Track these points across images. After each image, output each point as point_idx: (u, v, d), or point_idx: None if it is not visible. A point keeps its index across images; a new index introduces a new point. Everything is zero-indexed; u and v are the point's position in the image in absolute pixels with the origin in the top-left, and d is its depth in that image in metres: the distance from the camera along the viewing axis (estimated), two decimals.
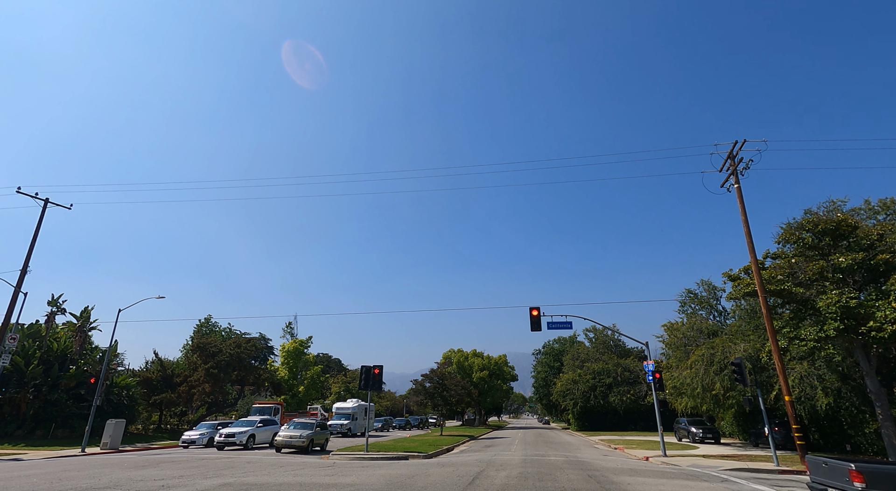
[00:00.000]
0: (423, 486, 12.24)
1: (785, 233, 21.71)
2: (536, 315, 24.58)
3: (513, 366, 74.46)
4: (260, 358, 70.70)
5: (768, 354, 21.61)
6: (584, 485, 12.57)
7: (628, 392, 50.04)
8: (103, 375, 29.53)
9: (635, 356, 58.76)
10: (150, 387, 42.47)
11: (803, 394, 22.84)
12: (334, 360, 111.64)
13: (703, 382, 26.31)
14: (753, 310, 31.18)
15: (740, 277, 22.93)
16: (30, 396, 32.28)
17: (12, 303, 25.18)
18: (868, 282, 20.15)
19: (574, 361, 61.51)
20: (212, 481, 13.24)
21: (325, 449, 25.85)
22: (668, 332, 41.26)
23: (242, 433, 26.76)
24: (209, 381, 42.40)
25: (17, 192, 25.67)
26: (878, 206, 25.19)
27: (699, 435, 30.17)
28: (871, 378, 19.12)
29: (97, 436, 29.76)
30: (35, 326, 38.24)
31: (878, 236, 19.53)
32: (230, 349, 45.75)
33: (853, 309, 17.79)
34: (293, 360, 61.20)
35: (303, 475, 14.54)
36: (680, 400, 30.09)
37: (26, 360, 32.67)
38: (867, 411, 21.41)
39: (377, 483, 12.82)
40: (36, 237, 26.21)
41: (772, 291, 20.58)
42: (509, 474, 14.72)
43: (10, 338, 25.75)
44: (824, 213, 22.97)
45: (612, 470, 16.34)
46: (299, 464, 18.29)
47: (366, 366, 23.57)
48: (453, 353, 71.86)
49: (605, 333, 64.06)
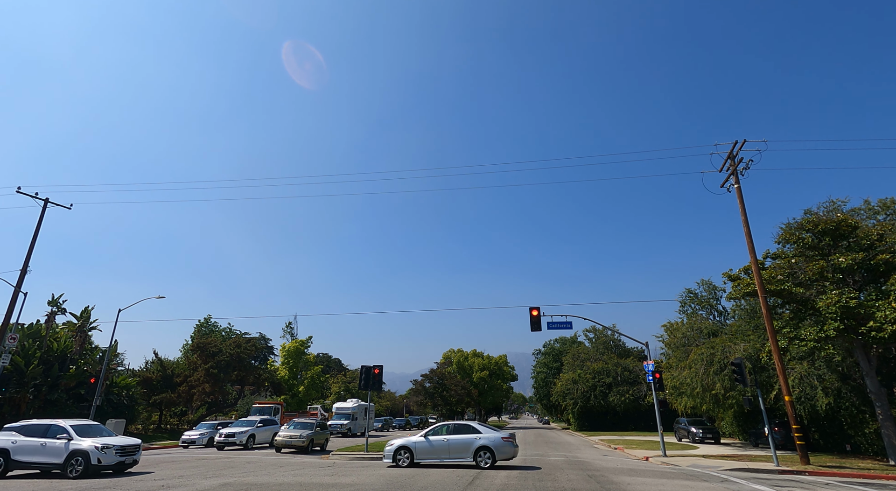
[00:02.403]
0: (423, 486, 12.24)
1: (785, 233, 21.70)
2: (536, 315, 24.58)
3: (513, 366, 74.50)
4: (260, 358, 70.70)
5: (768, 354, 21.59)
6: (584, 485, 12.57)
7: (628, 392, 50.02)
8: (103, 375, 29.53)
9: (635, 356, 58.75)
10: (150, 387, 42.47)
11: (803, 394, 22.82)
12: (334, 360, 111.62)
13: (703, 381, 26.30)
14: (753, 310, 31.18)
15: (740, 277, 22.92)
16: (30, 396, 32.28)
17: (12, 303, 25.19)
18: (868, 282, 20.14)
19: (574, 361, 61.50)
20: (212, 481, 13.25)
21: (325, 449, 25.85)
22: (668, 332, 41.29)
23: (242, 433, 26.76)
24: (209, 381, 42.40)
25: (17, 192, 25.67)
26: (878, 206, 25.19)
27: (699, 435, 30.16)
28: (871, 378, 19.11)
29: None
30: (35, 326, 38.23)
31: (878, 236, 19.52)
32: (230, 349, 45.75)
33: (853, 309, 17.78)
34: (293, 360, 61.17)
35: (303, 475, 14.54)
36: (680, 400, 30.08)
37: (26, 360, 32.66)
38: (867, 411, 21.39)
39: (377, 483, 12.83)
40: (36, 237, 26.21)
41: (772, 291, 20.57)
42: (509, 474, 14.72)
43: (10, 338, 25.75)
44: (824, 213, 22.96)
45: (611, 470, 16.35)
46: (299, 464, 18.29)
47: (366, 366, 23.58)
48: (453, 353, 71.88)
49: (605, 333, 64.06)
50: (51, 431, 15.42)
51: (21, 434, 15.46)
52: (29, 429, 15.66)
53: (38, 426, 15.72)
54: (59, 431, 15.38)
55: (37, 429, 15.59)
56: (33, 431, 15.49)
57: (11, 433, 15.58)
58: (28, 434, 15.42)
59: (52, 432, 15.35)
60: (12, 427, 15.89)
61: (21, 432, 15.54)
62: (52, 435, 15.24)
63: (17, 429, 15.75)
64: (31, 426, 15.79)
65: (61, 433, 15.25)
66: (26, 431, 15.55)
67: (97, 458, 14.60)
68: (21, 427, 15.81)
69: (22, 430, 15.66)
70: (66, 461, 14.59)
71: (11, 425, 16.00)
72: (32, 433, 15.43)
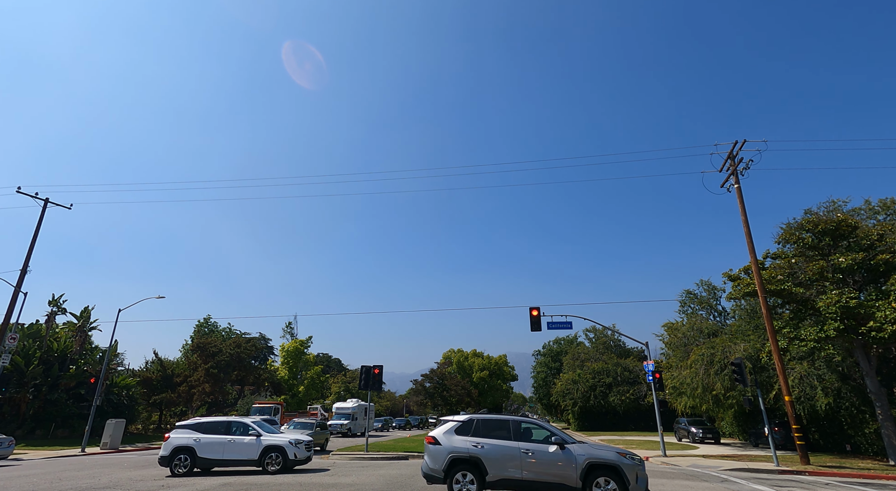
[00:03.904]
0: (424, 486, 12.24)
1: (785, 233, 21.71)
2: (536, 315, 24.57)
3: (513, 366, 74.52)
4: (260, 358, 70.70)
5: (768, 354, 21.60)
6: None
7: (628, 392, 50.00)
8: (103, 375, 29.51)
9: (635, 356, 58.72)
10: (150, 387, 42.47)
11: (803, 394, 22.82)
12: (334, 360, 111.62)
13: (704, 381, 26.30)
14: (753, 310, 31.16)
15: (740, 277, 22.93)
16: (30, 396, 32.29)
17: (12, 303, 25.19)
18: (868, 282, 20.14)
19: (574, 361, 61.49)
20: (212, 481, 13.25)
21: (325, 449, 25.83)
22: (668, 332, 41.26)
23: None
24: (209, 381, 42.41)
25: (17, 192, 25.68)
26: (879, 206, 25.18)
27: (699, 435, 30.17)
28: (871, 378, 19.11)
29: (97, 436, 29.77)
30: (35, 326, 38.25)
31: (878, 236, 19.51)
32: (230, 349, 45.76)
33: (853, 309, 17.78)
34: (293, 360, 61.20)
35: (303, 475, 14.54)
36: (680, 400, 30.08)
37: (26, 360, 32.66)
38: (867, 411, 21.39)
39: (377, 483, 12.83)
40: (36, 237, 26.21)
41: (772, 291, 20.58)
42: None
43: (10, 338, 25.75)
44: (824, 213, 22.95)
45: None
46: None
47: (366, 366, 23.57)
48: (453, 353, 71.90)
49: (605, 332, 64.05)
50: (233, 428, 15.68)
51: (201, 432, 15.48)
52: (208, 426, 15.74)
53: (219, 423, 15.86)
54: (243, 427, 15.71)
55: (217, 426, 15.73)
56: (214, 429, 15.62)
57: (190, 432, 15.52)
58: (209, 432, 15.51)
59: (235, 429, 15.63)
60: (187, 425, 15.86)
61: (200, 430, 15.56)
62: (238, 432, 15.55)
63: (194, 427, 15.73)
64: (210, 424, 15.86)
65: (249, 430, 15.59)
66: (206, 429, 15.62)
67: (293, 453, 15.28)
68: (198, 425, 15.83)
69: (200, 427, 15.69)
70: (262, 457, 15.04)
71: (185, 423, 16.00)
72: (214, 431, 15.54)
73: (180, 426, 15.83)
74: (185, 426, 15.78)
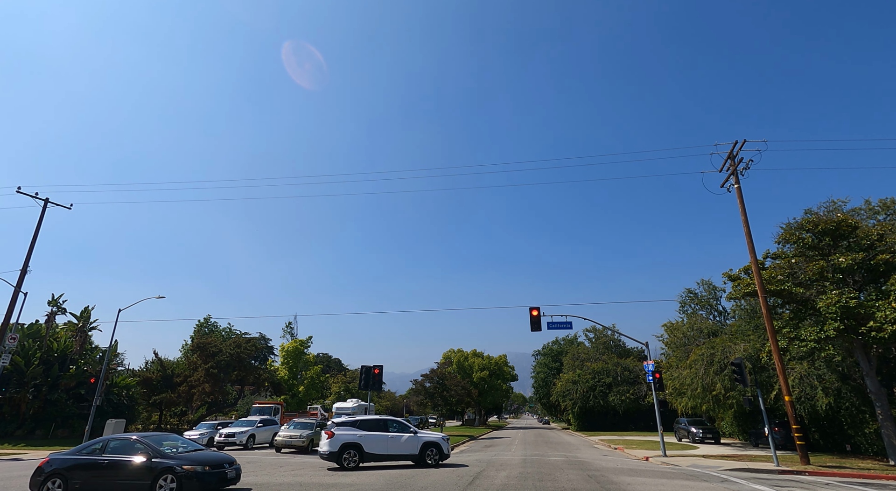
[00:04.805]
0: (423, 486, 12.24)
1: (785, 233, 21.70)
2: (536, 315, 24.58)
3: (513, 366, 74.42)
4: (260, 358, 70.68)
5: (768, 354, 21.60)
6: (584, 485, 12.57)
7: (628, 392, 50.02)
8: (103, 375, 29.53)
9: (635, 356, 58.74)
10: (149, 387, 42.44)
11: (803, 394, 22.82)
12: (334, 360, 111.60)
13: (704, 381, 26.30)
14: (753, 310, 31.16)
15: (740, 277, 22.92)
16: (30, 396, 32.29)
17: (12, 303, 25.19)
18: (868, 282, 20.13)
19: (574, 362, 61.50)
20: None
21: None
22: (668, 332, 41.27)
23: (242, 433, 26.76)
24: (209, 381, 42.36)
25: (17, 192, 25.68)
26: (879, 206, 25.18)
27: (699, 435, 30.16)
28: (871, 378, 19.11)
29: (97, 436, 29.78)
30: (35, 326, 38.25)
31: (878, 236, 19.51)
32: (230, 349, 45.71)
33: (853, 309, 17.77)
34: (293, 360, 61.12)
35: (303, 475, 14.55)
36: (680, 400, 30.08)
37: (26, 360, 32.67)
38: (867, 411, 21.39)
39: (377, 483, 12.83)
40: (36, 237, 26.21)
41: (772, 292, 20.57)
42: (509, 474, 14.72)
43: (10, 338, 25.75)
44: (824, 213, 22.95)
45: (611, 470, 16.34)
46: (299, 464, 18.28)
47: (366, 366, 23.60)
48: (453, 353, 71.83)
49: (604, 333, 64.06)
50: (389, 425, 17.32)
51: (362, 429, 16.71)
52: (366, 424, 17.05)
53: (376, 421, 17.35)
54: (397, 425, 17.47)
55: (375, 424, 17.18)
56: (372, 426, 17.04)
57: (351, 429, 16.68)
58: (368, 429, 16.84)
59: (389, 426, 17.27)
60: (346, 423, 16.95)
61: (361, 428, 16.79)
62: (394, 429, 17.22)
63: (353, 425, 16.88)
64: (366, 421, 17.19)
65: (404, 428, 17.35)
66: (365, 426, 16.91)
67: (447, 448, 17.35)
68: (356, 423, 16.96)
69: (360, 425, 16.91)
70: (422, 452, 16.84)
71: (342, 422, 17.07)
72: (372, 428, 16.95)
73: (340, 425, 16.87)
74: (343, 425, 16.86)
